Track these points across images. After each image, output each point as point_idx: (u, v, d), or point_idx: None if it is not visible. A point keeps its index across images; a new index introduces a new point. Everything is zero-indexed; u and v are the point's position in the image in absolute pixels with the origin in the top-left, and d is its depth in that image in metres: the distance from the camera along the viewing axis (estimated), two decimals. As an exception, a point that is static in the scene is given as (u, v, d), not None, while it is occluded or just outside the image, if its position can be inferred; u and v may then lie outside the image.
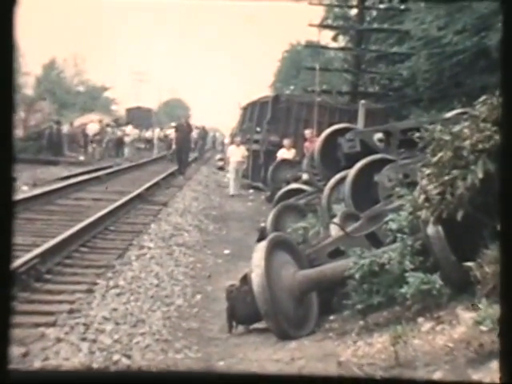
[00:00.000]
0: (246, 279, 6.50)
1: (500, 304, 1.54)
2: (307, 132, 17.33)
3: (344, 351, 5.25)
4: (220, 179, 25.90)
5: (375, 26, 26.80)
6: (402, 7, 25.48)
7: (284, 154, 17.92)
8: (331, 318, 6.56)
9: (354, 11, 26.99)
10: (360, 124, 16.26)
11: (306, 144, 16.88)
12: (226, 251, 11.13)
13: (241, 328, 6.63)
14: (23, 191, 16.96)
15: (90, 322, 6.31)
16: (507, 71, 1.51)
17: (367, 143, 10.22)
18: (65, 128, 35.48)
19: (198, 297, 8.01)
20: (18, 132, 32.88)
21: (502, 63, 1.52)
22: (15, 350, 5.35)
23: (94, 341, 5.81)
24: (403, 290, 5.40)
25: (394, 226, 6.26)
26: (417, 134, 6.13)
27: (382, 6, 26.91)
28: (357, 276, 5.87)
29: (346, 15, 28.59)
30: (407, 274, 5.51)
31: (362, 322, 5.88)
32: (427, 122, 7.51)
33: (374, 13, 27.50)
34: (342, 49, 28.95)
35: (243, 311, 6.46)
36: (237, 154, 21.04)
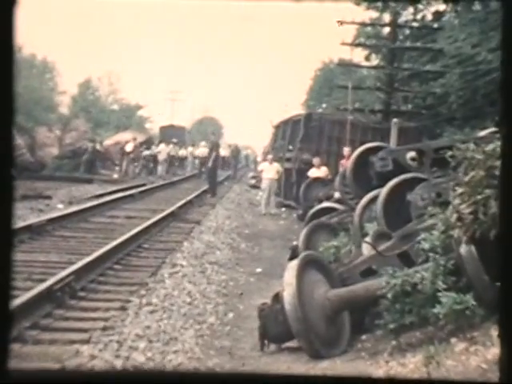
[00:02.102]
0: (277, 298, 6.51)
1: (499, 305, 1.54)
2: (346, 150, 17.21)
3: (376, 371, 5.22)
4: (252, 197, 25.92)
5: (408, 44, 26.77)
6: (435, 25, 25.44)
7: (314, 172, 17.90)
8: (363, 337, 6.53)
9: (386, 30, 26.99)
10: (392, 143, 16.19)
11: (343, 162, 16.83)
12: (258, 269, 11.14)
13: (273, 347, 6.63)
14: (58, 209, 17.21)
15: (123, 340, 6.37)
16: (507, 71, 1.51)
17: (400, 162, 10.17)
18: (98, 146, 35.83)
19: (231, 315, 8.03)
20: (54, 150, 33.37)
21: (502, 64, 1.52)
22: (51, 367, 5.43)
23: (128, 358, 5.87)
24: (436, 310, 5.37)
25: (426, 245, 6.23)
26: (449, 153, 6.10)
27: (414, 25, 26.88)
28: (389, 295, 5.85)
29: (379, 34, 28.58)
30: (440, 294, 5.48)
31: (394, 342, 5.85)
32: (460, 140, 7.46)
33: (407, 31, 27.46)
34: (374, 67, 28.91)
35: (275, 330, 6.45)
36: (270, 171, 20.90)
